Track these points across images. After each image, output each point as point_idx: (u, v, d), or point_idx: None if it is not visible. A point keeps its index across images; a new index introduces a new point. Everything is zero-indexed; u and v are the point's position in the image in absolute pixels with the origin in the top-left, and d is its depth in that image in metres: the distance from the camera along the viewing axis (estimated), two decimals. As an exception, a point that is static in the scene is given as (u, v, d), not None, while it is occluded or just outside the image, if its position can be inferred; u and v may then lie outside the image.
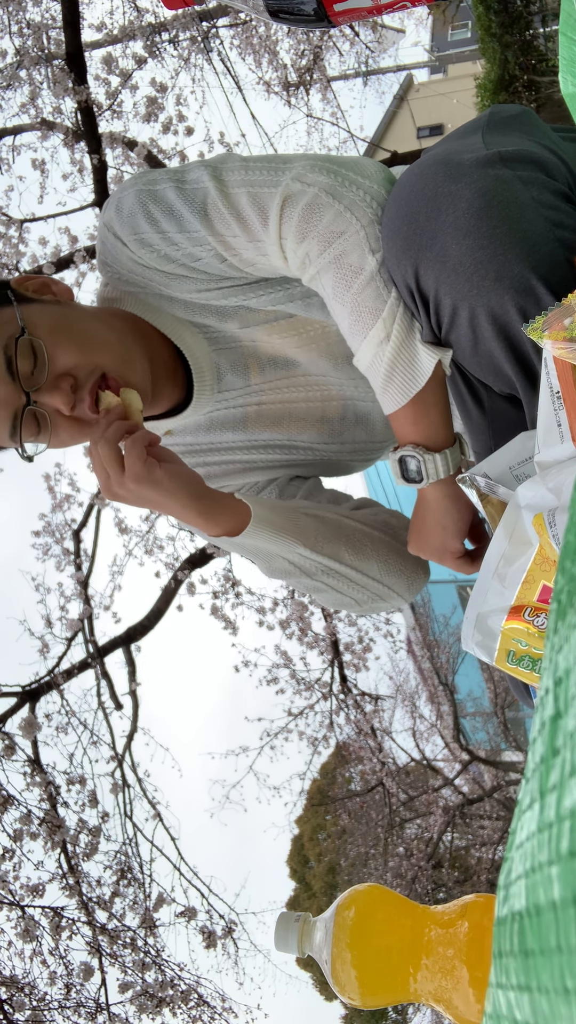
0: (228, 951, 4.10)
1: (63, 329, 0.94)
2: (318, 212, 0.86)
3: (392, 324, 0.86)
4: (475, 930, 0.59)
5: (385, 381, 0.89)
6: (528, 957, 0.24)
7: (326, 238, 0.86)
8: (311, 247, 0.87)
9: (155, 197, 0.94)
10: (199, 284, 1.00)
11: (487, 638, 0.73)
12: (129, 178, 1.01)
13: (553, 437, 0.65)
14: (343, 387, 1.13)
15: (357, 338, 0.89)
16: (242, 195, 0.90)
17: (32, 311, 0.94)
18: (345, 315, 0.88)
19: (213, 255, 0.94)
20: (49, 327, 0.94)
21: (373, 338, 0.87)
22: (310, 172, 0.88)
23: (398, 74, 12.96)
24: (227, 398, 1.12)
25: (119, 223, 0.96)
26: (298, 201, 0.87)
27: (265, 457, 1.17)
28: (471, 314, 0.78)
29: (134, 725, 4.77)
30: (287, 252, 0.90)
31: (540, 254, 0.74)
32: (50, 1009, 3.24)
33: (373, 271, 0.85)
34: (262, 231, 0.90)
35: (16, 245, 4.27)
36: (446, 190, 0.76)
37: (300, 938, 0.65)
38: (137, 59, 4.29)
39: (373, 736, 6.23)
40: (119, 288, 1.04)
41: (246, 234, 0.91)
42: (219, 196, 0.91)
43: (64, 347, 0.93)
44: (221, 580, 4.98)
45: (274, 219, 0.88)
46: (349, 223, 0.85)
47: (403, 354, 0.87)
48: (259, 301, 1.02)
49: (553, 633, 0.29)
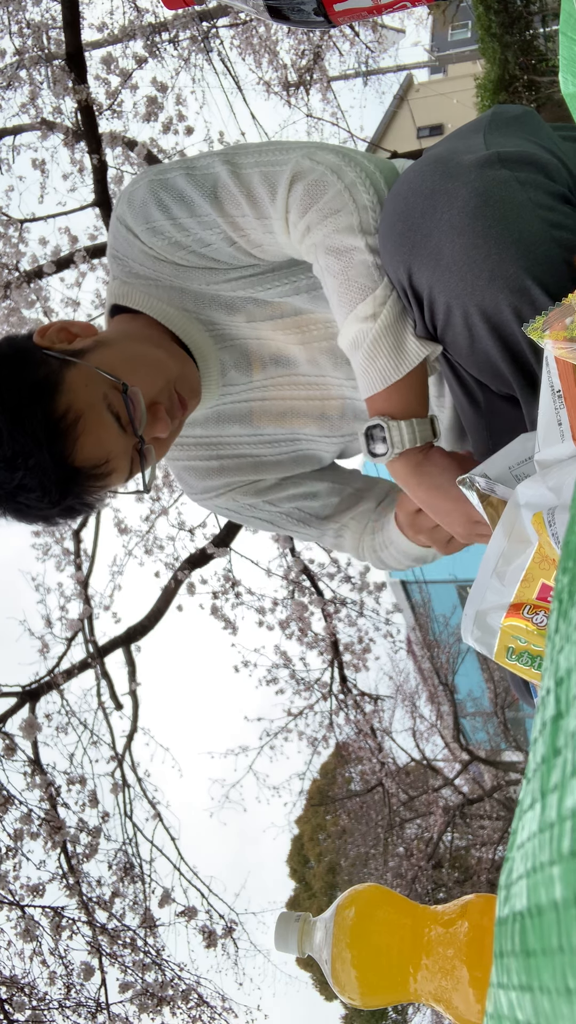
0: (228, 951, 4.10)
1: (131, 365, 0.96)
2: (322, 188, 0.88)
3: (382, 305, 0.86)
4: (475, 930, 0.59)
5: (366, 361, 0.87)
6: (530, 957, 0.24)
7: (324, 212, 0.87)
8: (311, 219, 0.88)
9: (166, 185, 0.95)
10: (209, 275, 1.01)
11: (486, 634, 0.73)
12: (140, 172, 1.02)
13: (553, 436, 0.65)
14: (342, 387, 1.13)
15: (343, 310, 0.88)
16: (255, 174, 0.92)
17: (93, 362, 0.94)
18: (335, 287, 0.88)
19: (222, 238, 0.95)
20: (120, 368, 0.95)
21: (360, 313, 0.86)
22: (320, 151, 0.91)
23: (398, 74, 12.96)
24: (231, 393, 1.13)
25: (131, 215, 0.97)
26: (306, 176, 0.89)
27: (273, 452, 1.19)
28: (465, 313, 0.78)
29: (134, 725, 4.77)
30: (290, 226, 0.91)
31: (536, 255, 0.74)
32: (50, 1009, 3.24)
33: (364, 251, 0.86)
34: (270, 206, 0.91)
35: (16, 245, 4.26)
36: (443, 188, 0.76)
37: (300, 938, 0.65)
38: (137, 59, 4.29)
39: (373, 736, 6.23)
40: (128, 283, 1.05)
41: (255, 211, 0.92)
42: (231, 177, 0.92)
43: (144, 381, 0.95)
44: (221, 580, 4.97)
45: (282, 193, 0.90)
46: (346, 202, 0.87)
47: (388, 338, 0.86)
48: (267, 293, 1.03)
49: (554, 633, 0.29)
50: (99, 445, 0.91)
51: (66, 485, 0.89)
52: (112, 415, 0.92)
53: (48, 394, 0.89)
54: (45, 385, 0.90)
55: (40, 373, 0.91)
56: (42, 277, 4.20)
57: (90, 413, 0.90)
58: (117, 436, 0.92)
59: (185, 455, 1.19)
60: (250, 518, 1.23)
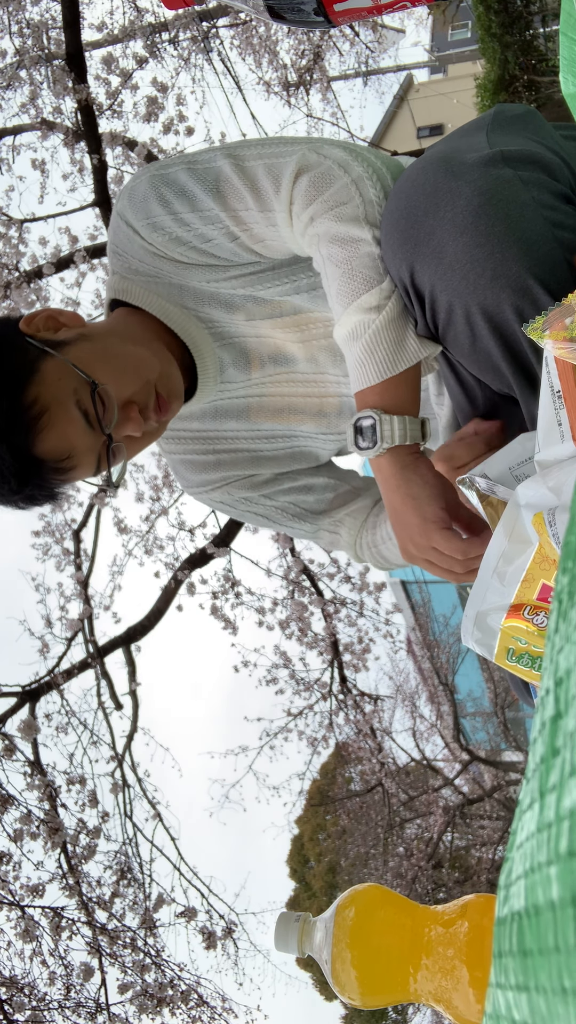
0: (228, 951, 4.09)
1: (107, 362, 0.95)
2: (328, 180, 0.88)
3: (387, 299, 0.85)
4: (475, 930, 0.59)
5: (365, 354, 0.86)
6: (527, 957, 0.24)
7: (329, 204, 0.87)
8: (315, 210, 0.88)
9: (167, 180, 0.95)
10: (209, 272, 1.01)
11: (486, 636, 0.73)
12: (141, 168, 1.01)
13: (553, 436, 0.65)
14: (340, 384, 1.13)
15: (344, 300, 0.87)
16: (259, 167, 0.92)
17: (71, 357, 0.94)
18: (337, 276, 0.87)
19: (224, 233, 0.95)
20: (95, 365, 0.94)
21: (363, 303, 0.85)
22: (326, 145, 0.90)
23: (398, 74, 12.96)
24: (228, 389, 1.13)
25: (132, 210, 0.97)
26: (312, 168, 0.89)
27: (269, 447, 1.19)
28: (467, 312, 0.78)
29: (134, 725, 4.77)
30: (293, 217, 0.91)
31: (538, 254, 0.74)
32: (50, 1009, 3.23)
33: (371, 244, 0.86)
34: (274, 198, 0.91)
35: (16, 245, 4.26)
36: (446, 187, 0.76)
37: (300, 938, 0.65)
38: (137, 59, 4.28)
39: (373, 736, 6.23)
40: (128, 278, 1.05)
41: (258, 204, 0.92)
42: (234, 170, 0.92)
43: (118, 379, 0.94)
44: (221, 580, 4.97)
45: (287, 184, 0.89)
46: (352, 195, 0.87)
47: (391, 332, 0.85)
48: (267, 292, 1.02)
49: (554, 633, 0.29)
50: (62, 440, 0.91)
51: (25, 476, 0.90)
52: (80, 411, 0.91)
53: (19, 383, 0.90)
54: (18, 373, 0.90)
55: (16, 361, 0.91)
56: (42, 277, 4.20)
57: (56, 408, 0.90)
58: (83, 432, 0.92)
59: (181, 448, 1.19)
60: (245, 512, 1.23)
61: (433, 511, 0.87)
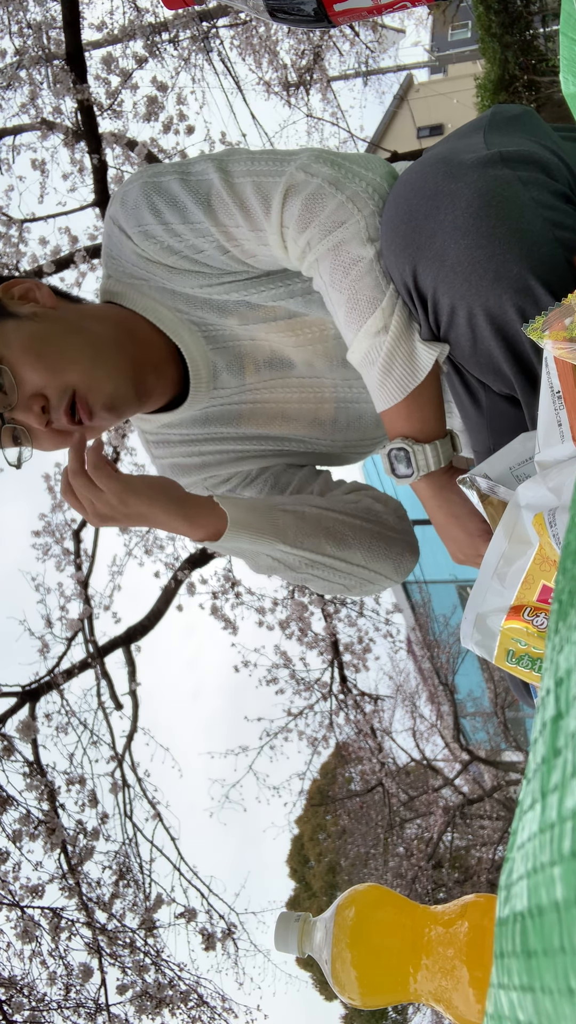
0: (228, 951, 4.10)
1: (34, 349, 0.95)
2: (320, 202, 0.87)
3: (391, 316, 0.86)
4: (475, 930, 0.59)
5: (383, 375, 0.88)
6: (531, 958, 0.24)
7: (327, 227, 0.87)
8: (312, 235, 0.87)
9: (159, 189, 0.94)
10: (201, 279, 1.01)
11: (486, 637, 0.73)
12: (135, 172, 1.01)
13: (554, 437, 0.65)
14: (337, 389, 1.13)
15: (353, 327, 0.88)
16: (247, 184, 0.91)
17: (7, 329, 0.95)
18: (342, 303, 0.88)
19: (216, 247, 0.95)
20: (22, 347, 0.94)
21: (370, 327, 0.86)
22: (314, 163, 0.89)
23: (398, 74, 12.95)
24: (222, 395, 1.12)
25: (124, 216, 0.97)
26: (301, 190, 0.88)
27: (258, 448, 1.18)
28: (469, 314, 0.78)
29: (134, 725, 4.77)
30: (287, 241, 0.90)
31: (539, 254, 0.74)
32: (49, 1010, 3.23)
33: (372, 261, 0.86)
34: (264, 220, 0.90)
35: (16, 245, 4.27)
36: (446, 189, 0.76)
37: (300, 938, 0.65)
38: (137, 59, 4.29)
39: (373, 736, 6.23)
40: (122, 281, 1.05)
41: (248, 223, 0.91)
42: (224, 186, 0.91)
43: (34, 368, 0.94)
44: (221, 580, 4.98)
45: (276, 207, 0.89)
46: (350, 213, 0.86)
47: (401, 347, 0.86)
48: (260, 297, 1.02)
49: (554, 633, 0.29)
50: None
51: None
52: None
53: None
54: None
55: None
56: (42, 277, 4.20)
57: None
58: None
59: (169, 452, 1.19)
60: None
61: (476, 525, 0.96)
